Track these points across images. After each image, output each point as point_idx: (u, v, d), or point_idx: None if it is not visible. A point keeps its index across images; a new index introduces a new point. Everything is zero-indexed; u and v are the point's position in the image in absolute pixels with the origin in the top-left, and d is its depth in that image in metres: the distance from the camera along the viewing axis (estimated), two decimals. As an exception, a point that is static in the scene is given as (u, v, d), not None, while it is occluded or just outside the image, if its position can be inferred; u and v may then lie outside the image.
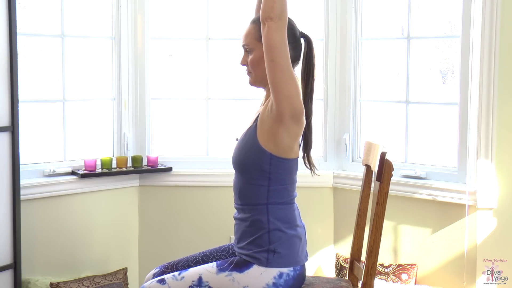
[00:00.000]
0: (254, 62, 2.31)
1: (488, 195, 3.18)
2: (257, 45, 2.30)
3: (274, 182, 2.25)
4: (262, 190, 2.25)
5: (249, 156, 2.26)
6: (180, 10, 3.83)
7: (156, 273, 2.44)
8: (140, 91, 3.69)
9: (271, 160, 2.23)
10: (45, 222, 3.39)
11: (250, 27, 2.33)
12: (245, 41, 2.33)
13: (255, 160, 2.24)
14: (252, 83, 2.37)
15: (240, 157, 2.29)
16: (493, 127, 3.15)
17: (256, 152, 2.24)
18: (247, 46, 2.32)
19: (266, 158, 2.23)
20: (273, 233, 2.25)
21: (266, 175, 2.24)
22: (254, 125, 2.28)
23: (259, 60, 2.29)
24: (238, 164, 2.30)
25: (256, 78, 2.34)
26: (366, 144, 2.57)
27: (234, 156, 2.33)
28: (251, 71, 2.34)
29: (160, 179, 3.68)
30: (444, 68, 3.98)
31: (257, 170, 2.25)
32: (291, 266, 2.26)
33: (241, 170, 2.30)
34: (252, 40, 2.31)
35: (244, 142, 2.29)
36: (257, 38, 2.29)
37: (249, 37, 2.32)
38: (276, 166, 2.24)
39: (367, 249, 2.29)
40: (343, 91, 3.68)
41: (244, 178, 2.29)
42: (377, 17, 3.69)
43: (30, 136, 3.56)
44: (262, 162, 2.24)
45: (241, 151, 2.29)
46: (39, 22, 3.67)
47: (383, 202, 2.26)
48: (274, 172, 2.24)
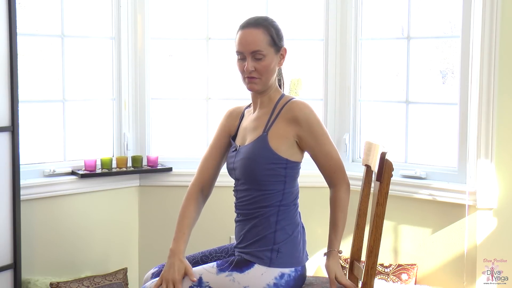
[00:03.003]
0: (266, 69, 2.27)
1: (488, 195, 3.18)
2: (269, 50, 2.26)
3: (289, 185, 2.28)
4: (277, 194, 2.27)
5: (263, 165, 2.24)
6: (180, 10, 3.83)
7: (155, 272, 2.43)
8: (140, 91, 3.69)
9: (287, 165, 2.26)
10: (45, 222, 3.39)
11: (255, 32, 2.25)
12: (256, 47, 2.24)
13: (271, 167, 2.25)
14: (257, 89, 2.30)
15: (254, 167, 2.26)
16: (493, 127, 3.15)
17: (271, 159, 2.24)
18: (260, 53, 2.25)
19: (282, 163, 2.25)
20: (279, 233, 2.25)
21: (282, 180, 2.26)
22: (265, 134, 2.27)
23: (272, 66, 2.28)
24: (251, 175, 2.27)
25: (264, 84, 2.30)
26: (366, 144, 2.57)
27: (244, 167, 2.28)
28: (260, 77, 2.28)
29: (160, 179, 3.68)
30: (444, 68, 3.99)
31: (273, 176, 2.25)
32: (293, 267, 2.26)
33: (255, 180, 2.27)
34: (265, 46, 2.25)
35: (257, 152, 2.26)
36: (269, 43, 2.26)
37: (261, 43, 2.24)
38: (290, 170, 2.27)
39: (367, 249, 2.29)
40: (343, 91, 3.68)
41: (258, 187, 2.27)
42: (377, 17, 3.69)
43: (30, 136, 3.57)
44: (278, 168, 2.25)
45: (253, 161, 2.26)
46: (39, 22, 3.67)
47: (383, 202, 2.26)
48: (289, 176, 2.27)
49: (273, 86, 2.34)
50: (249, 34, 2.26)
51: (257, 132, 2.30)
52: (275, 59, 2.29)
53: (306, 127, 2.25)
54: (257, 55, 2.25)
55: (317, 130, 2.26)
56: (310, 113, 2.26)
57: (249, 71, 2.26)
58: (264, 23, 2.28)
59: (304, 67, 4.03)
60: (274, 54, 2.29)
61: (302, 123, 2.24)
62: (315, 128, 2.25)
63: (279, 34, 2.30)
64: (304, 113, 2.25)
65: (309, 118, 2.25)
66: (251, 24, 2.27)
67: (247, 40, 2.25)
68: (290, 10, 3.79)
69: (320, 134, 2.26)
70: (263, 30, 2.26)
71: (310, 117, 2.25)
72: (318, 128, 2.26)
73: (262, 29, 2.26)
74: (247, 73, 2.27)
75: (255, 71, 2.26)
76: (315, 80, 3.71)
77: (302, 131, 2.25)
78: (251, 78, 2.28)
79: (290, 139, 2.26)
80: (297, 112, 2.25)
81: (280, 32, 2.32)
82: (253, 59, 2.25)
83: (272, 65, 2.28)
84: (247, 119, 2.40)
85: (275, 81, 2.36)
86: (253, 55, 2.25)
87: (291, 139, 2.26)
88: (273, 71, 2.30)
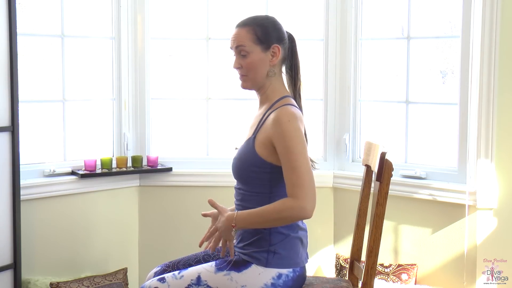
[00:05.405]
0: (251, 65, 2.29)
1: (488, 195, 3.18)
2: (254, 47, 2.28)
3: (276, 188, 2.26)
4: (264, 197, 2.26)
5: (248, 167, 2.26)
6: (180, 10, 3.83)
7: (157, 271, 2.44)
8: (140, 91, 3.69)
9: (271, 169, 2.24)
10: (45, 222, 3.39)
11: (243, 29, 2.30)
12: (240, 43, 2.28)
13: (255, 170, 2.25)
14: (247, 86, 2.34)
15: (240, 168, 2.29)
16: (493, 127, 3.15)
17: (256, 162, 2.24)
18: (243, 49, 2.28)
19: (266, 167, 2.24)
20: (275, 234, 2.25)
21: (267, 184, 2.25)
22: (253, 137, 2.27)
23: (257, 63, 2.29)
24: (239, 174, 2.31)
25: (252, 81, 2.32)
26: (366, 144, 2.57)
27: (234, 167, 2.34)
28: (247, 74, 2.31)
29: (160, 179, 3.68)
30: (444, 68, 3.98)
31: (258, 179, 2.26)
32: (291, 268, 2.26)
33: (242, 180, 2.31)
34: (249, 43, 2.28)
35: (244, 154, 2.29)
36: (254, 41, 2.28)
37: (245, 39, 2.28)
38: (276, 174, 2.24)
39: (367, 249, 2.29)
40: (343, 91, 3.68)
41: (246, 187, 2.30)
42: (377, 17, 3.69)
43: (30, 136, 3.56)
44: (262, 172, 2.24)
45: (240, 161, 2.30)
46: (39, 22, 3.67)
47: (383, 202, 2.26)
48: (276, 180, 2.25)
49: (270, 84, 2.33)
50: (236, 32, 2.32)
51: (250, 132, 2.33)
52: (263, 57, 2.29)
53: (277, 134, 2.17)
54: (242, 52, 2.29)
55: (288, 139, 2.16)
56: (287, 121, 2.18)
57: (235, 67, 2.33)
58: (251, 22, 2.31)
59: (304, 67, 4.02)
60: (261, 52, 2.28)
61: (275, 128, 2.18)
62: (286, 137, 2.16)
63: (268, 32, 2.29)
64: (279, 120, 2.19)
65: (283, 126, 2.17)
66: (239, 24, 2.33)
67: (234, 37, 2.32)
68: (290, 10, 3.79)
69: (291, 146, 2.16)
70: (248, 28, 2.29)
71: (285, 126, 2.17)
72: (289, 138, 2.16)
73: (248, 27, 2.29)
74: (237, 70, 2.34)
75: (242, 68, 2.31)
76: (315, 80, 3.71)
77: (274, 137, 2.19)
78: (240, 76, 2.34)
79: (269, 145, 2.23)
80: (274, 118, 2.20)
81: (270, 30, 2.30)
82: (238, 55, 2.31)
83: (258, 62, 2.28)
84: (252, 116, 2.43)
85: (273, 80, 2.33)
86: (238, 52, 2.30)
87: (269, 145, 2.23)
88: (260, 69, 2.29)
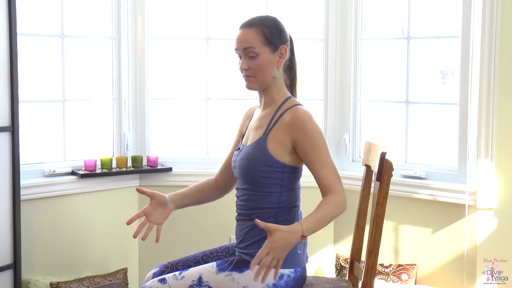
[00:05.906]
0: (260, 67, 2.28)
1: (488, 195, 3.18)
2: (263, 49, 2.27)
3: (286, 188, 2.27)
4: (273, 196, 2.27)
5: (258, 167, 2.25)
6: (180, 10, 3.83)
7: (156, 272, 2.44)
8: (140, 91, 3.69)
9: (283, 169, 2.25)
10: (45, 222, 3.39)
11: (250, 30, 2.28)
12: (249, 44, 2.26)
13: (266, 169, 2.25)
14: (253, 87, 2.32)
15: (249, 168, 2.27)
16: (493, 127, 3.15)
17: (268, 162, 2.24)
18: (252, 50, 2.26)
19: (278, 167, 2.24)
20: None
21: (278, 183, 2.26)
22: (264, 137, 2.27)
23: (266, 65, 2.28)
24: (246, 175, 2.29)
25: (260, 83, 2.31)
26: (366, 144, 2.57)
27: (241, 167, 2.31)
28: (255, 76, 2.29)
29: (160, 179, 3.68)
30: (444, 68, 3.98)
31: (268, 178, 2.25)
32: (292, 268, 2.26)
33: (249, 180, 2.29)
34: (258, 44, 2.26)
35: (253, 154, 2.27)
36: (262, 42, 2.27)
37: (254, 40, 2.26)
38: (287, 173, 2.26)
39: (367, 249, 2.29)
40: (343, 91, 3.68)
41: (254, 187, 2.29)
42: (377, 17, 3.69)
43: (30, 136, 3.56)
44: (273, 171, 2.24)
45: (249, 161, 2.27)
46: (39, 22, 3.67)
47: (383, 202, 2.26)
48: (287, 179, 2.26)
49: (275, 85, 2.33)
50: (243, 33, 2.29)
51: (258, 133, 2.31)
52: (271, 58, 2.29)
53: (302, 133, 2.20)
54: (250, 53, 2.27)
55: (315, 137, 2.20)
56: (309, 121, 2.22)
57: (243, 69, 2.29)
58: (258, 22, 2.29)
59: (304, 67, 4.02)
60: (270, 53, 2.28)
61: (298, 128, 2.21)
62: (312, 136, 2.20)
63: (275, 33, 2.29)
64: (302, 119, 2.22)
65: (307, 125, 2.21)
66: (246, 25, 2.31)
67: (240, 38, 2.29)
68: (290, 10, 3.79)
69: (317, 142, 2.20)
70: (256, 29, 2.27)
71: (309, 125, 2.21)
72: (315, 136, 2.20)
73: (256, 28, 2.28)
74: (243, 72, 2.31)
75: (250, 69, 2.28)
76: (315, 80, 3.71)
77: (298, 137, 2.21)
78: (247, 77, 2.31)
79: (287, 145, 2.24)
80: (295, 118, 2.23)
81: (277, 31, 2.30)
82: (246, 57, 2.28)
83: (267, 64, 2.28)
84: (254, 118, 2.41)
85: (278, 81, 2.33)
86: (246, 53, 2.28)
87: (288, 145, 2.24)
88: (269, 70, 2.29)
